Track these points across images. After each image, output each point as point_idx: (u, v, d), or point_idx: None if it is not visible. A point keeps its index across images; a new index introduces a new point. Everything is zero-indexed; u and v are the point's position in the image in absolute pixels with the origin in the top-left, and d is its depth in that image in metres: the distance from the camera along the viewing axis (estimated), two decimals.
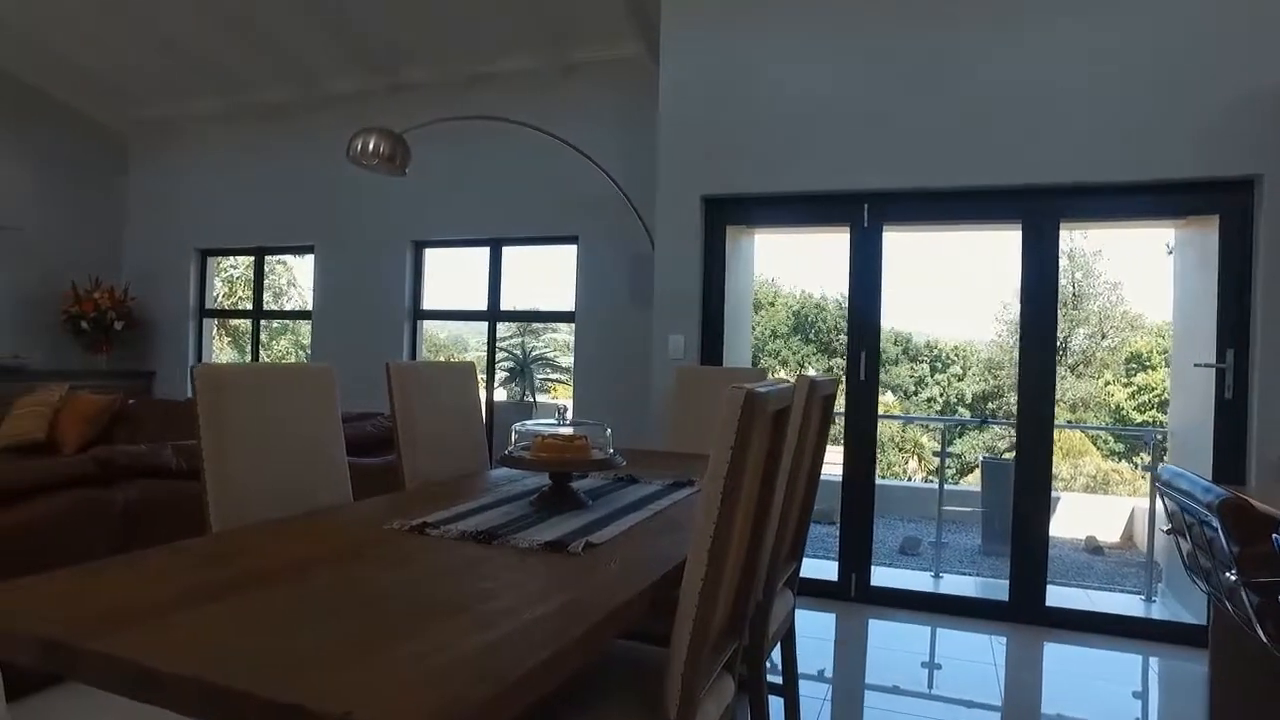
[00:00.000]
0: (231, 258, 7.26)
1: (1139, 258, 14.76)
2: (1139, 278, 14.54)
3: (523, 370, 8.72)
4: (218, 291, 7.76)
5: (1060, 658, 3.44)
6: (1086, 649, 3.50)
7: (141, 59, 6.05)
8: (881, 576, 4.14)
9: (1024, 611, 3.71)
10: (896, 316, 15.13)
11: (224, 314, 7.84)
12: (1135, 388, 13.77)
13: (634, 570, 1.49)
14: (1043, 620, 3.69)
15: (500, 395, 8.30)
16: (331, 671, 0.97)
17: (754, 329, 14.45)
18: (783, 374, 14.58)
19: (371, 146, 3.84)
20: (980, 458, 10.61)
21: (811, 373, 14.46)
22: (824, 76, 3.95)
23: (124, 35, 5.72)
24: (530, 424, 2.26)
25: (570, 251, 5.39)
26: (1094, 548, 7.04)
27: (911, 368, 15.05)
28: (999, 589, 3.92)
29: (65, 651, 1.05)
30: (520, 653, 1.04)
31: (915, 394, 14.93)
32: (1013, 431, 3.94)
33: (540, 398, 8.91)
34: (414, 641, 1.06)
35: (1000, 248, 16.55)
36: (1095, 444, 12.77)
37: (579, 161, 4.68)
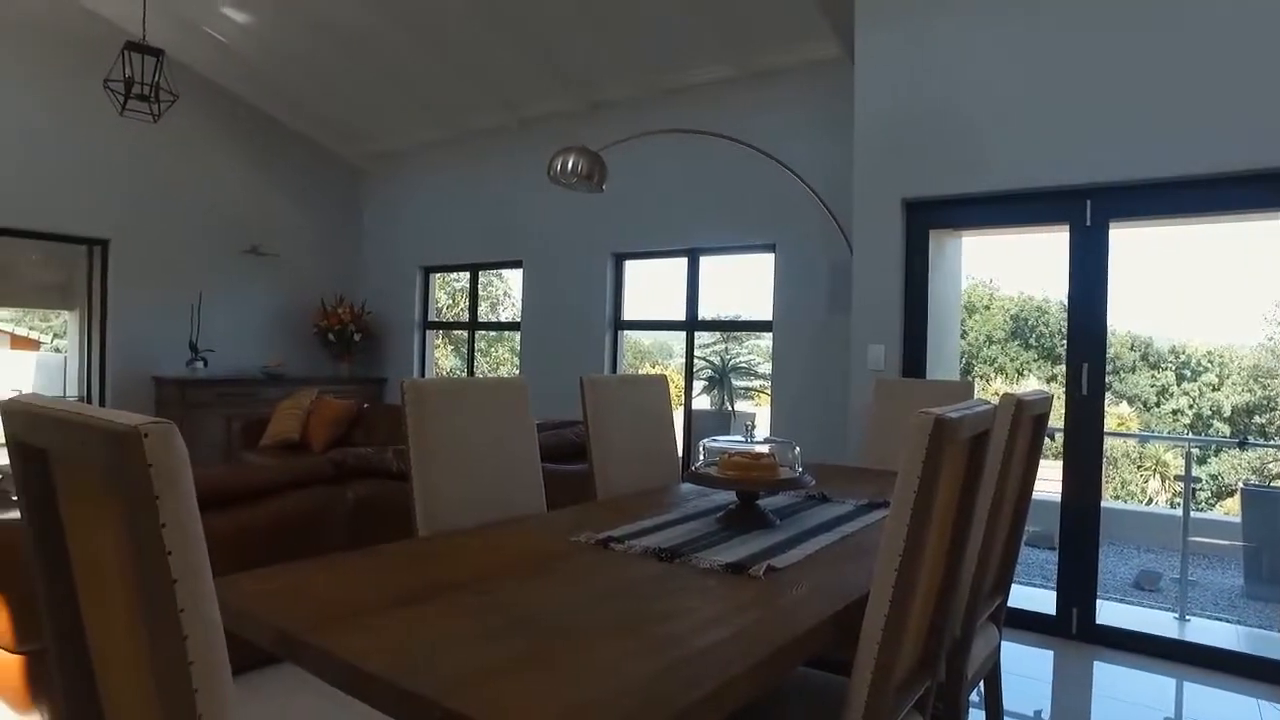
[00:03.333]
0: (455, 272, 7.89)
1: None
2: None
3: (721, 379, 8.75)
4: (441, 303, 8.47)
5: None
6: None
7: (373, 99, 6.76)
8: (1110, 613, 3.71)
9: None
10: (1133, 319, 13.55)
11: (444, 325, 8.54)
12: None
13: (816, 598, 1.44)
14: None
15: (703, 403, 8.38)
16: (504, 686, 1.01)
17: (966, 335, 13.54)
18: (999, 383, 13.54)
19: (570, 165, 4.01)
20: (1241, 481, 9.25)
21: (1033, 381, 13.32)
22: (1037, 61, 3.62)
23: (358, 78, 6.41)
24: (719, 440, 2.25)
25: (768, 260, 5.34)
26: None
27: (1153, 376, 13.44)
28: (1269, 643, 3.37)
29: (292, 642, 1.18)
30: (686, 683, 1.03)
31: (1157, 405, 13.30)
32: None
33: (742, 405, 8.90)
34: (585, 662, 1.09)
35: (1272, 236, 14.32)
36: None
37: (774, 169, 4.62)
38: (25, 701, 2.39)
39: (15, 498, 2.84)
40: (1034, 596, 3.90)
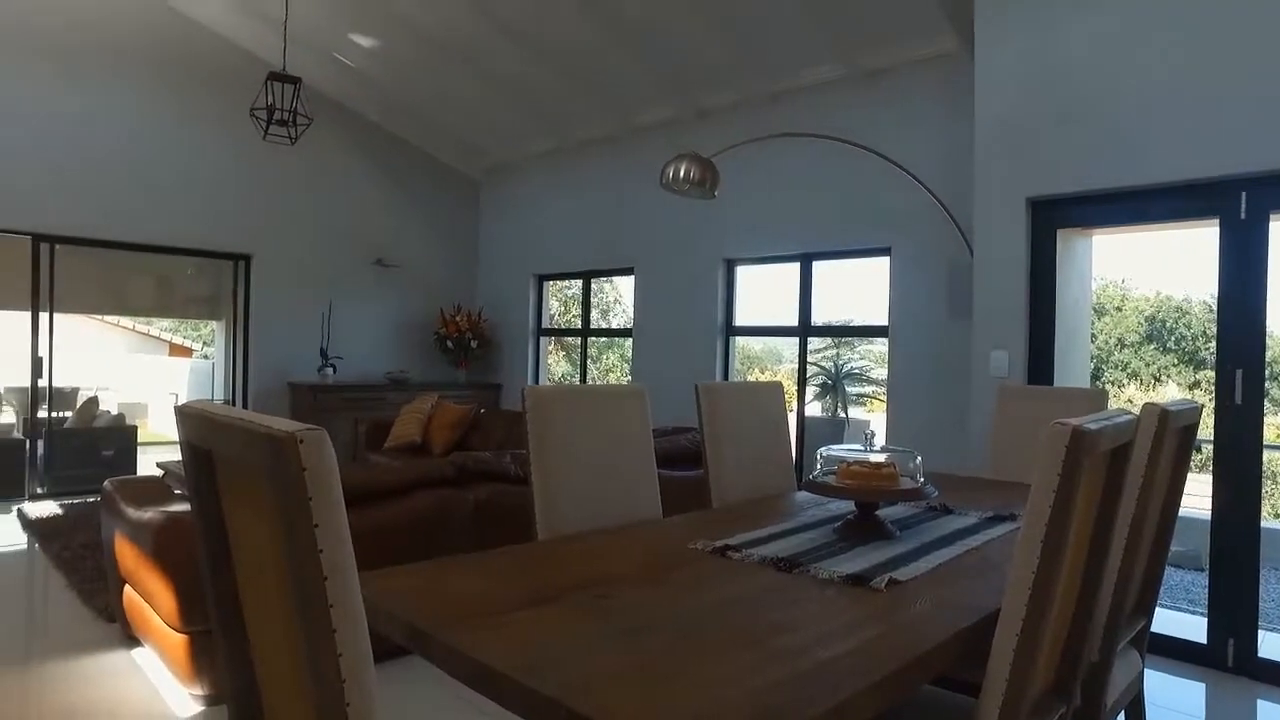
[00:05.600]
0: (566, 280, 8.07)
1: None
2: None
3: (834, 385, 8.57)
4: (554, 310, 8.68)
5: None
6: None
7: (490, 113, 7.01)
8: (1276, 646, 3.39)
9: None
10: None
11: (557, 332, 8.74)
12: None
13: (942, 613, 1.39)
14: None
15: (814, 410, 8.22)
16: (628, 692, 1.03)
17: (1095, 338, 12.70)
18: (1131, 389, 12.68)
19: (682, 173, 4.03)
20: None
21: (1172, 388, 12.40)
22: (1180, 40, 3.37)
23: (476, 94, 6.66)
24: (836, 449, 2.21)
25: (882, 264, 5.21)
26: None
27: None
28: None
29: (422, 637, 1.24)
30: (809, 695, 1.02)
31: None
32: None
33: (854, 412, 8.67)
34: (706, 671, 1.09)
35: None
36: None
37: (889, 170, 4.51)
38: (189, 676, 2.60)
39: (178, 491, 3.10)
40: (1180, 622, 3.63)
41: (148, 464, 6.21)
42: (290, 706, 1.09)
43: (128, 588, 3.03)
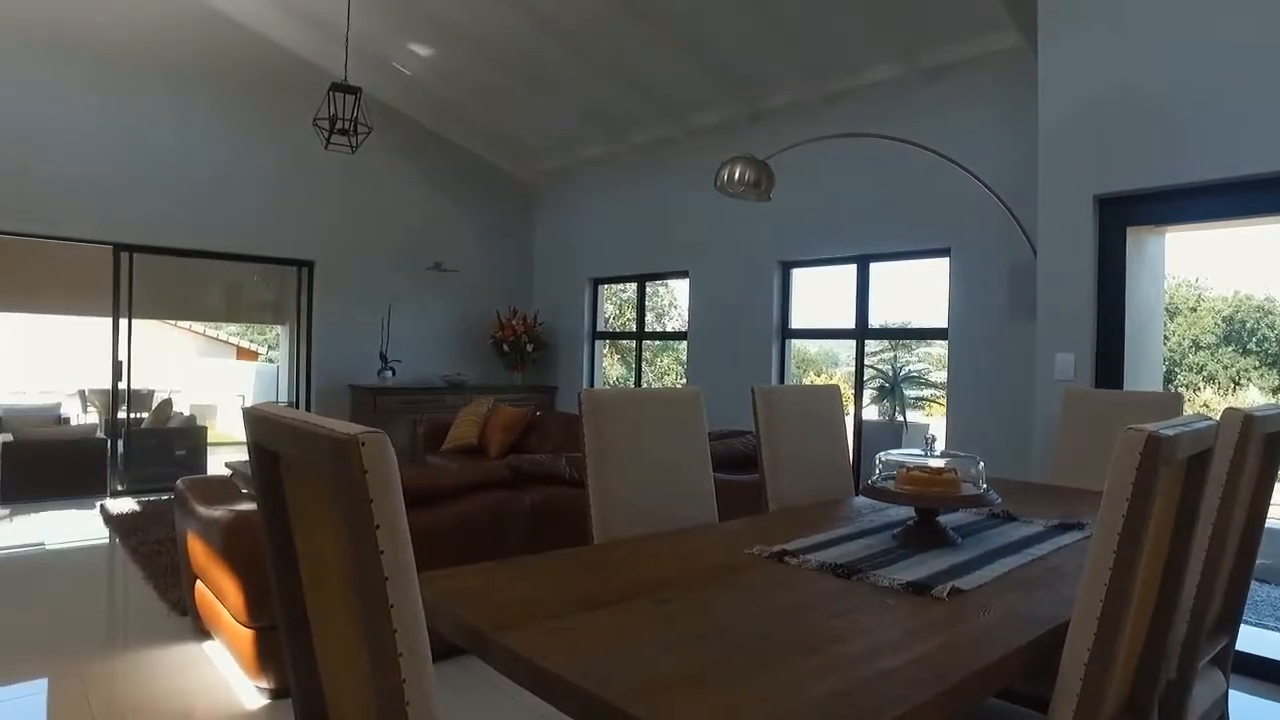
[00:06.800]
0: (621, 284, 8.10)
1: None
2: None
3: (892, 389, 8.42)
4: (609, 313, 8.71)
5: None
6: None
7: (545, 118, 7.07)
8: None
9: None
10: None
11: (612, 335, 8.77)
12: None
13: (1008, 624, 1.35)
14: None
15: (871, 414, 8.09)
16: (687, 698, 1.02)
17: (1167, 340, 12.19)
18: (1208, 393, 12.16)
19: (737, 175, 4.00)
20: None
21: (1254, 392, 11.86)
22: (1255, 28, 3.22)
23: (531, 100, 6.73)
24: (896, 453, 2.17)
25: (941, 265, 5.09)
26: None
27: None
28: None
29: (480, 639, 1.25)
30: (874, 705, 0.99)
31: None
32: None
33: (913, 415, 8.51)
34: (764, 679, 1.08)
35: None
36: None
37: (947, 170, 4.41)
38: (255, 670, 2.68)
39: (244, 490, 3.20)
40: (1269, 640, 3.43)
41: (217, 464, 6.45)
42: (352, 702, 1.11)
43: (199, 582, 3.14)
